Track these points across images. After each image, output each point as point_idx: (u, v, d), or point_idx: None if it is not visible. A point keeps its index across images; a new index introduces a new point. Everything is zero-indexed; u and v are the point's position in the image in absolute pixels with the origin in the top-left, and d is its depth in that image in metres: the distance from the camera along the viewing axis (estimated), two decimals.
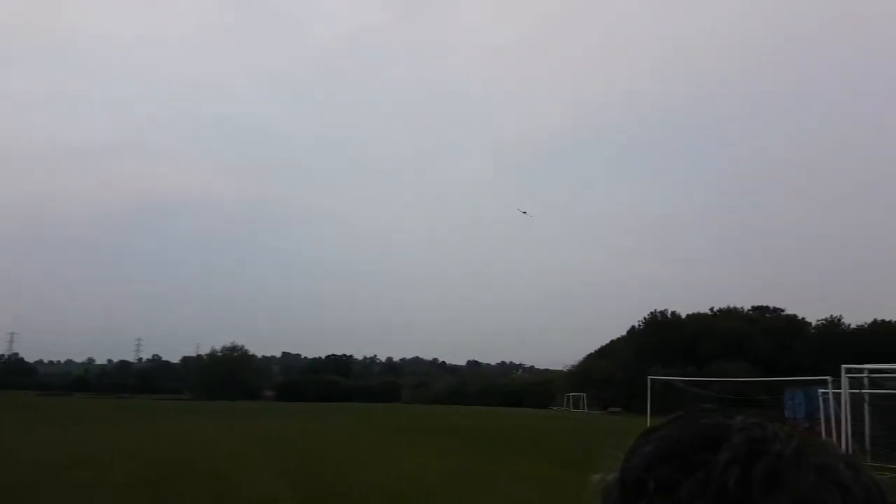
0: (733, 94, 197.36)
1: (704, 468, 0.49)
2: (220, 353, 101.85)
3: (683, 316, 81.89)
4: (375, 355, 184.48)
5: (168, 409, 51.11)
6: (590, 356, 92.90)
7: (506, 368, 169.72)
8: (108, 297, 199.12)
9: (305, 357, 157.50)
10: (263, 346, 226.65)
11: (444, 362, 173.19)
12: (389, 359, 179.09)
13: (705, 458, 0.50)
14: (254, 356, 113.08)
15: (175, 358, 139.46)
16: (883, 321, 68.77)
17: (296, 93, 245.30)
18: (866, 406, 19.38)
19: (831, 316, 74.45)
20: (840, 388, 17.84)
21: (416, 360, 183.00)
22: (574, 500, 12.04)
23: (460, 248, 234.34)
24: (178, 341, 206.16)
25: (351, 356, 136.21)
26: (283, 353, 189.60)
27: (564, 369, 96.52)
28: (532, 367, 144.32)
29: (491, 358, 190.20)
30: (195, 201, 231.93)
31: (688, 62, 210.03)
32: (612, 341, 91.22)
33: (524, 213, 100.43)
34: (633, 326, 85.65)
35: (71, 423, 30.63)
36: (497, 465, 17.32)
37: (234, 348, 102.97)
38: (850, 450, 17.26)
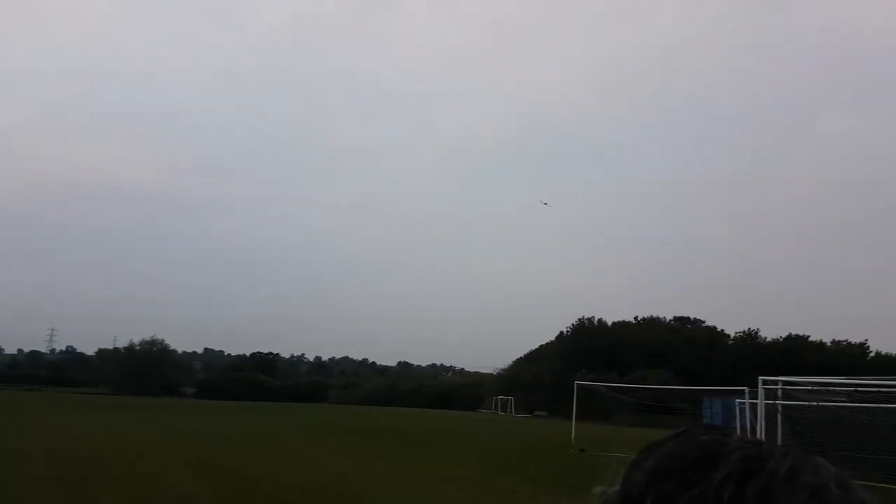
0: (665, 107, 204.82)
1: (701, 485, 0.51)
2: (138, 347, 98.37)
3: (609, 323, 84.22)
4: (303, 354, 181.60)
5: (83, 402, 48.90)
6: (519, 360, 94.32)
7: (436, 370, 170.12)
8: (19, 284, 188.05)
9: (229, 354, 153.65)
10: (184, 341, 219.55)
11: (374, 363, 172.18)
12: (318, 358, 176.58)
13: (703, 474, 0.52)
14: (174, 351, 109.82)
15: (90, 350, 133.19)
16: (797, 336, 72.62)
17: (229, 81, 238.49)
18: (779, 417, 20.34)
19: (749, 329, 78.10)
20: (756, 399, 18.63)
21: (346, 359, 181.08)
22: (493, 502, 12.13)
23: (395, 246, 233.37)
24: (94, 333, 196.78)
25: (277, 354, 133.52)
26: (206, 350, 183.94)
27: (494, 372, 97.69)
28: (462, 370, 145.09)
29: (421, 359, 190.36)
30: (115, 188, 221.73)
31: (621, 78, 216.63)
32: (542, 346, 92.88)
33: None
34: (561, 332, 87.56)
35: None
36: (422, 467, 17.27)
37: (153, 342, 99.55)
38: None
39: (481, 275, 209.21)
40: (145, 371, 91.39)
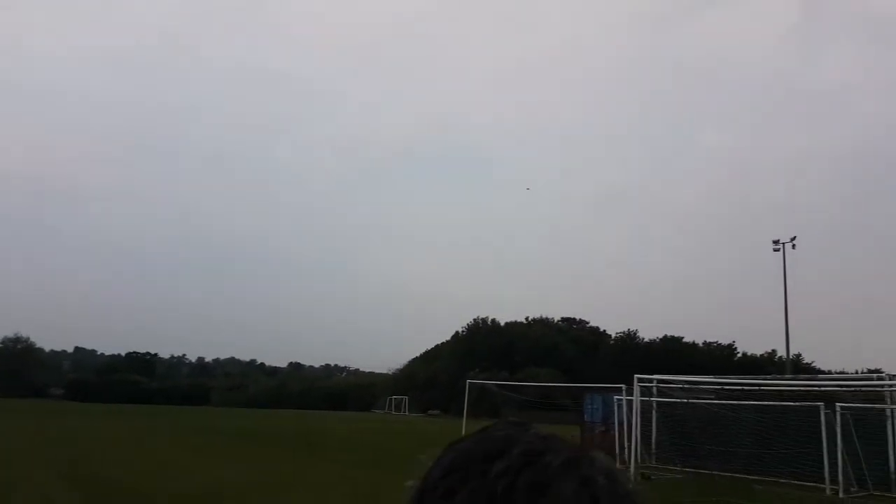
0: (555, 117, 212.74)
1: (480, 478, 0.55)
2: (0, 345, 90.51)
3: (502, 324, 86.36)
4: (184, 354, 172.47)
5: None
6: (415, 360, 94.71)
7: (330, 371, 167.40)
8: None
9: (102, 353, 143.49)
10: (53, 339, 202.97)
11: (262, 363, 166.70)
12: (200, 359, 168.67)
13: (485, 468, 0.56)
14: (41, 349, 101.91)
15: None
16: (672, 336, 77.55)
17: (111, 63, 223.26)
18: (654, 413, 21.65)
19: (629, 330, 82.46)
20: (632, 396, 19.73)
21: (232, 360, 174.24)
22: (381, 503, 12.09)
23: (286, 243, 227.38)
24: None
25: (156, 354, 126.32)
26: (76, 348, 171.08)
27: (389, 372, 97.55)
28: (357, 370, 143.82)
29: (314, 360, 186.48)
30: None
31: (515, 87, 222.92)
32: (438, 346, 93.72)
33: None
34: (457, 332, 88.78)
35: None
36: (308, 471, 16.93)
37: (17, 339, 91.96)
38: (638, 452, 19.13)
39: (378, 274, 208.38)
40: (8, 371, 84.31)
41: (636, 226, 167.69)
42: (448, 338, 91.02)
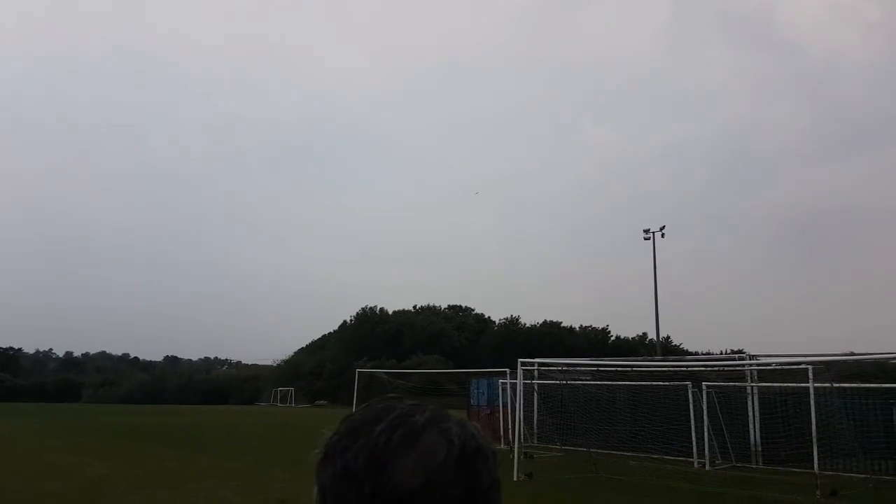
0: (444, 107, 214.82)
1: (366, 436, 0.75)
2: None
3: (390, 312, 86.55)
4: (51, 349, 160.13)
5: None
6: (301, 350, 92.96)
7: (209, 364, 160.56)
8: None
9: None
10: None
11: (136, 358, 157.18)
12: (69, 353, 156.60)
13: (370, 429, 0.76)
14: None
15: None
16: (551, 322, 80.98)
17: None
18: (535, 395, 22.63)
19: (511, 316, 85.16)
20: (516, 380, 20.55)
21: (103, 354, 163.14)
22: (273, 495, 11.94)
23: (160, 233, 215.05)
24: None
25: (20, 349, 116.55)
26: None
27: (274, 364, 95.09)
28: (239, 363, 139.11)
29: (192, 353, 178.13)
30: None
31: (404, 76, 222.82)
32: (324, 335, 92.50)
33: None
34: (345, 321, 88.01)
35: None
36: (195, 465, 16.41)
37: None
38: (522, 433, 19.99)
39: (258, 265, 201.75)
40: None
41: (517, 215, 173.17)
42: (335, 327, 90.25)
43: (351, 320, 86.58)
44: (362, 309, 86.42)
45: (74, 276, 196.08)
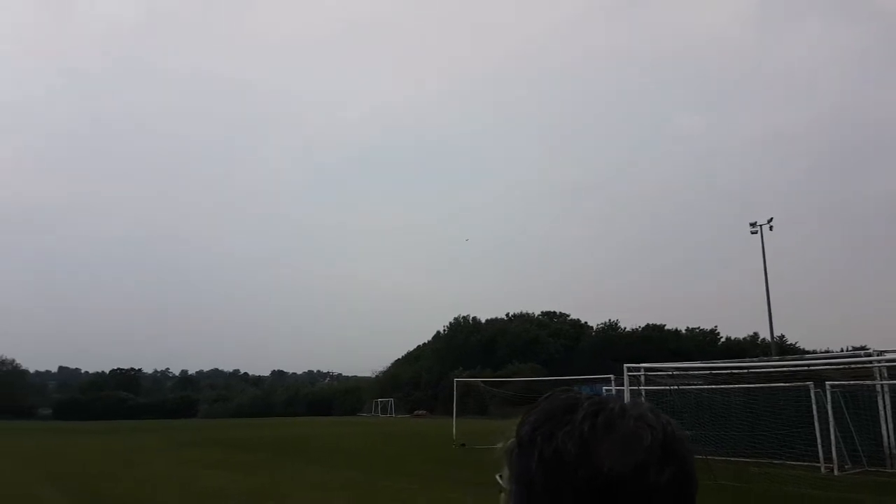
0: (521, 111, 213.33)
1: (569, 423, 0.77)
2: None
3: (483, 321, 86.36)
4: (168, 368, 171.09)
5: None
6: (397, 362, 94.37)
7: (313, 377, 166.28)
8: None
9: (86, 372, 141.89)
10: (37, 360, 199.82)
11: (246, 374, 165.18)
12: (184, 372, 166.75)
13: (569, 417, 0.78)
14: (26, 371, 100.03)
15: None
16: (654, 325, 78.06)
17: (71, 77, 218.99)
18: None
19: (609, 320, 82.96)
20: (622, 386, 19.83)
21: (216, 372, 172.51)
22: (384, 503, 12.01)
23: (262, 254, 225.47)
24: None
25: (140, 370, 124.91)
26: (61, 368, 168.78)
27: (373, 375, 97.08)
28: (340, 375, 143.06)
29: (297, 367, 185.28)
30: None
31: (476, 83, 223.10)
32: (419, 346, 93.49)
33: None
34: (438, 332, 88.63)
35: None
36: (305, 475, 16.80)
37: (3, 362, 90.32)
38: None
39: (354, 280, 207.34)
40: None
41: (610, 216, 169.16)
42: (429, 338, 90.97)
43: (444, 330, 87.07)
44: (455, 319, 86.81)
45: (185, 300, 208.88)
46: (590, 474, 0.73)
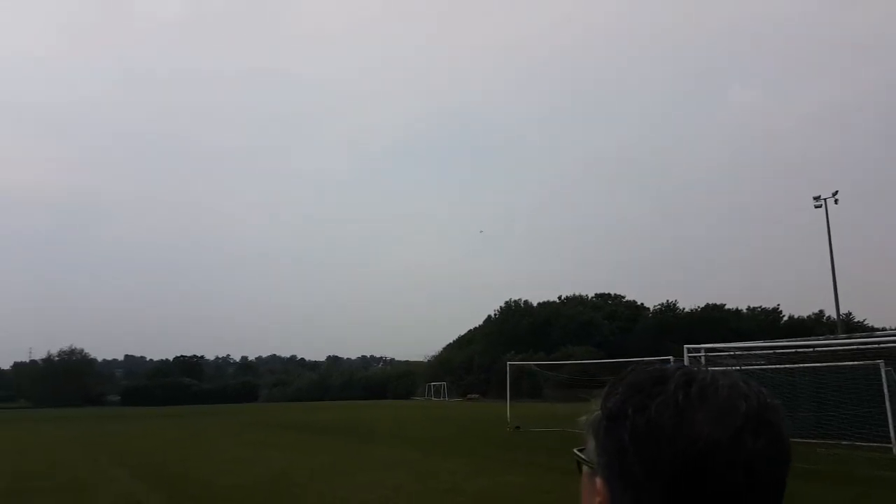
0: (576, 90, 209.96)
1: (662, 393, 0.76)
2: (56, 358, 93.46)
3: (535, 304, 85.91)
4: (228, 355, 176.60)
5: (5, 418, 46.73)
6: (449, 346, 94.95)
7: (366, 362, 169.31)
8: None
9: (151, 359, 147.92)
10: (104, 349, 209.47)
11: (302, 359, 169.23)
12: (244, 358, 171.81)
13: (660, 388, 0.77)
14: (94, 360, 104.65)
15: (6, 364, 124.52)
16: (713, 305, 76.21)
17: (128, 77, 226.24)
18: None
19: (667, 301, 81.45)
20: None
21: (274, 357, 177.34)
22: (441, 484, 12.16)
23: (314, 242, 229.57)
24: (6, 346, 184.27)
25: (202, 357, 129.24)
26: (126, 356, 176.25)
27: (425, 360, 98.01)
28: (393, 360, 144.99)
29: (351, 352, 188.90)
30: (17, 194, 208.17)
31: (532, 62, 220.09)
32: (471, 330, 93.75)
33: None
34: (489, 315, 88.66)
35: None
36: (364, 456, 17.19)
37: (72, 352, 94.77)
38: None
39: (405, 265, 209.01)
40: (66, 382, 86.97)
41: (665, 193, 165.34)
42: (480, 322, 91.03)
43: (495, 314, 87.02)
44: (506, 302, 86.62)
45: (243, 289, 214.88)
46: (686, 443, 0.73)
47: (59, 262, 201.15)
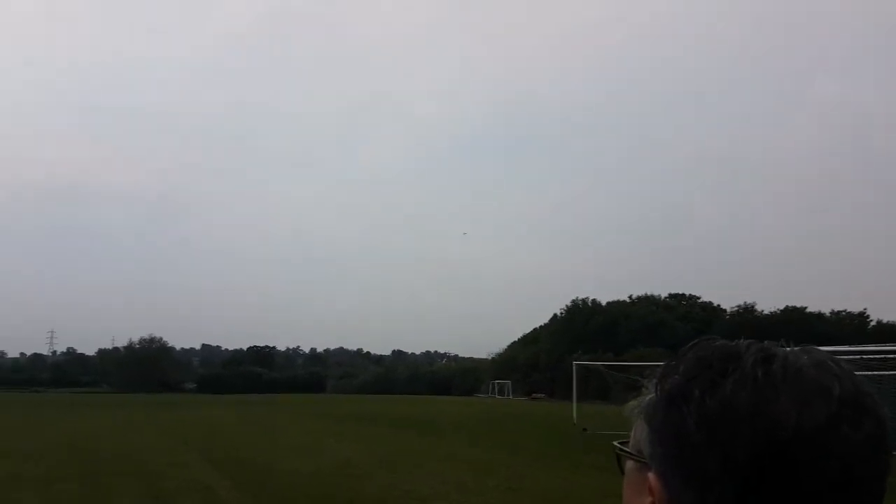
0: (646, 80, 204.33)
1: (737, 371, 0.63)
2: (137, 346, 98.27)
3: (603, 303, 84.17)
4: (298, 346, 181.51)
5: (89, 402, 49.18)
6: (514, 344, 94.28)
7: (430, 357, 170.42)
8: (17, 289, 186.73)
9: (226, 349, 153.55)
10: (182, 337, 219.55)
11: (368, 352, 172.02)
12: (313, 349, 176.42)
13: (734, 364, 0.64)
14: (172, 348, 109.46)
15: (90, 350, 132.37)
16: (793, 307, 72.63)
17: (199, 77, 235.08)
18: None
19: (745, 303, 78.16)
20: None
21: (341, 350, 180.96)
22: (504, 481, 11.93)
23: (382, 237, 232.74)
24: (92, 333, 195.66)
25: (273, 347, 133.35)
26: (203, 346, 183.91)
27: (489, 357, 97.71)
28: (457, 356, 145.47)
29: (415, 347, 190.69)
30: (106, 190, 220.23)
31: (598, 53, 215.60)
32: (535, 329, 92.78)
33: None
34: (555, 314, 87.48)
35: None
36: (428, 449, 17.15)
37: (152, 340, 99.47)
38: None
39: (470, 261, 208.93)
40: (146, 369, 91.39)
41: (743, 190, 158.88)
42: (546, 321, 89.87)
43: (561, 313, 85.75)
44: (573, 301, 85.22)
45: (311, 281, 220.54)
46: (768, 426, 0.60)
47: (141, 256, 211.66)
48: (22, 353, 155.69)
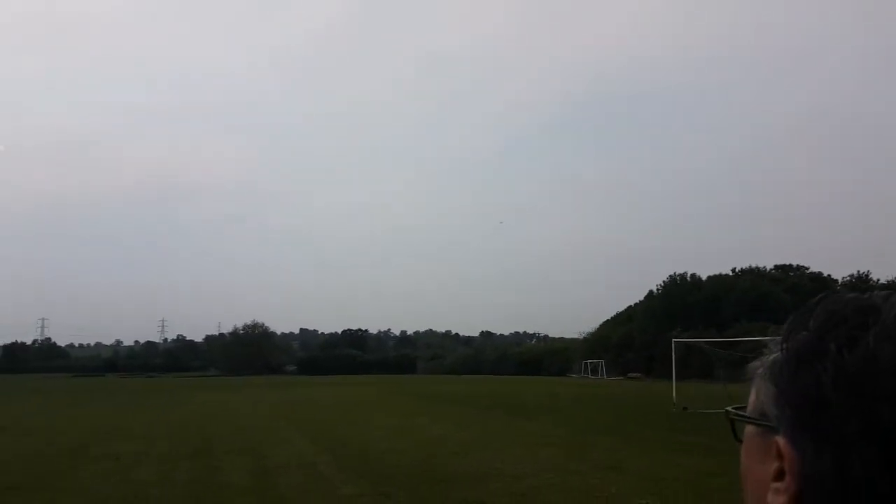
0: (732, 57, 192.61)
1: (877, 324, 0.57)
2: (241, 332, 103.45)
3: (703, 278, 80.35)
4: (389, 329, 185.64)
5: (199, 385, 52.15)
6: (606, 323, 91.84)
7: (519, 338, 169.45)
8: (131, 280, 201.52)
9: (322, 333, 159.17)
10: (282, 322, 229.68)
11: (457, 334, 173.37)
12: (403, 332, 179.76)
13: (873, 318, 0.58)
14: (273, 333, 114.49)
15: (198, 337, 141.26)
16: None
17: (293, 72, 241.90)
18: None
19: (858, 272, 72.45)
20: None
21: (430, 332, 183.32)
22: (600, 462, 11.27)
23: (470, 220, 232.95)
24: (199, 321, 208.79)
25: (366, 330, 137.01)
26: (301, 330, 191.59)
27: (580, 337, 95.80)
28: (546, 336, 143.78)
29: (504, 328, 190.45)
30: (208, 183, 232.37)
31: (690, 28, 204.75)
32: (629, 307, 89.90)
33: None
34: (650, 291, 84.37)
35: (110, 400, 31.97)
36: (519, 430, 16.74)
37: (255, 326, 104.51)
38: None
39: (560, 240, 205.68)
40: (250, 353, 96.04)
41: (852, 153, 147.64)
42: (640, 298, 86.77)
43: (658, 289, 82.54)
44: (670, 277, 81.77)
45: (402, 266, 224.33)
46: None
47: (243, 246, 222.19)
48: (136, 342, 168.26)
